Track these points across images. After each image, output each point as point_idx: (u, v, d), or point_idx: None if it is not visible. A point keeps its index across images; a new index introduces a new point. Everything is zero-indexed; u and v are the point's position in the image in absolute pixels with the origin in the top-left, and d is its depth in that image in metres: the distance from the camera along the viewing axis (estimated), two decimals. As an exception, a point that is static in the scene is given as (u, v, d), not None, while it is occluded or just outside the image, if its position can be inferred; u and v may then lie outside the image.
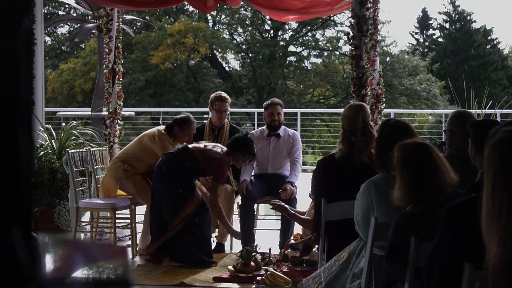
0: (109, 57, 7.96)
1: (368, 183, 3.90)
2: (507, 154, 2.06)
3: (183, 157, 6.07)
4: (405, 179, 3.29)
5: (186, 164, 6.05)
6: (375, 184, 3.86)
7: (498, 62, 32.04)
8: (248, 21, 27.64)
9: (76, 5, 15.75)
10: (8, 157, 0.95)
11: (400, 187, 3.31)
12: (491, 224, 2.01)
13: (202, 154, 6.10)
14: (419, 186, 3.27)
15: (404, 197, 3.30)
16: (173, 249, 6.02)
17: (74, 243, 2.04)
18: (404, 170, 3.30)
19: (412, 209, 3.31)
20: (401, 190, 3.30)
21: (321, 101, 28.04)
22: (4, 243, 0.94)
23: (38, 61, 7.76)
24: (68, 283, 1.10)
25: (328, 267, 4.18)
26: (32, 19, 0.99)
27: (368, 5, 6.88)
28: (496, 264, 1.98)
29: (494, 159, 2.06)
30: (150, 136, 6.52)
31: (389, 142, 3.94)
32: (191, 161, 6.06)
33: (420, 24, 35.95)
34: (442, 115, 14.04)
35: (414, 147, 3.37)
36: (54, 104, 24.54)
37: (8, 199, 0.95)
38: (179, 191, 6.02)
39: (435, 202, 3.22)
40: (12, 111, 0.95)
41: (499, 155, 2.06)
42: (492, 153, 2.08)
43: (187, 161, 6.06)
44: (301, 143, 6.99)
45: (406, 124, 4.11)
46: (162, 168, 6.08)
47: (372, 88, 6.95)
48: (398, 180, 3.33)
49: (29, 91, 0.97)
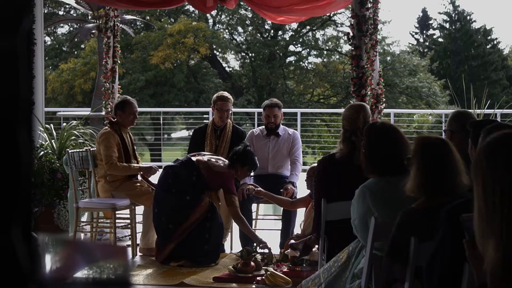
0: (108, 57, 7.97)
1: (362, 188, 3.89)
2: (492, 156, 2.07)
3: (188, 171, 6.06)
4: (421, 169, 3.25)
5: (192, 179, 6.04)
6: (369, 189, 3.85)
7: (498, 62, 32.03)
8: (248, 21, 27.63)
9: (76, 5, 15.74)
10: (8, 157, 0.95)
11: (414, 177, 3.26)
12: (486, 227, 2.01)
13: (207, 169, 6.07)
14: (434, 179, 3.24)
15: (416, 188, 3.26)
16: (186, 252, 6.00)
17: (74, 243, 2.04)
18: (421, 161, 3.25)
19: (418, 205, 3.28)
20: (414, 181, 3.25)
21: (321, 101, 28.04)
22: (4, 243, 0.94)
23: (38, 61, 7.75)
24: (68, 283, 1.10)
25: (328, 268, 4.17)
26: (32, 19, 0.99)
27: (368, 5, 6.88)
28: (494, 267, 1.98)
29: (481, 163, 2.07)
30: (97, 141, 6.66)
31: (379, 145, 3.94)
32: (196, 176, 6.04)
33: (420, 24, 35.96)
34: (442, 115, 14.04)
35: (436, 141, 3.35)
36: (54, 104, 24.54)
37: (8, 199, 0.95)
38: (186, 198, 6.01)
39: (444, 199, 3.19)
40: (12, 111, 0.95)
41: (486, 158, 2.07)
42: (478, 158, 2.09)
43: (192, 176, 6.04)
44: (301, 143, 6.97)
45: (392, 126, 4.12)
46: (167, 181, 6.07)
47: (372, 88, 6.94)
48: (413, 170, 3.29)
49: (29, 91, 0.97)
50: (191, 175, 6.05)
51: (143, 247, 6.53)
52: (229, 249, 6.69)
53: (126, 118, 6.61)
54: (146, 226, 6.55)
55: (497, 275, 1.97)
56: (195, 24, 25.67)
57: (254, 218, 6.79)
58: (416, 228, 3.18)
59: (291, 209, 6.43)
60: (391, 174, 3.85)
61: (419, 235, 3.14)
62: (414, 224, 3.22)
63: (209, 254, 6.05)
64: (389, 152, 3.89)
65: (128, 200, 6.54)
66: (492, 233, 1.99)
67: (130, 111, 6.61)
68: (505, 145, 2.09)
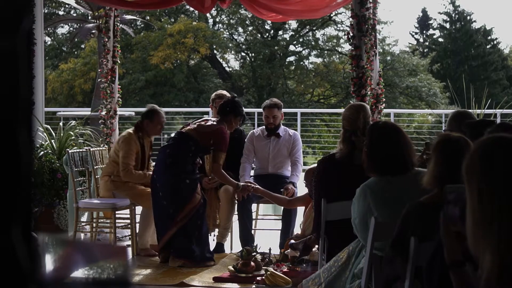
0: (108, 57, 7.97)
1: (363, 187, 3.89)
2: (487, 160, 2.06)
3: (184, 143, 6.11)
4: (439, 162, 3.18)
5: (191, 149, 6.10)
6: (370, 188, 3.85)
7: (498, 62, 32.03)
8: (248, 21, 27.63)
9: (76, 5, 15.75)
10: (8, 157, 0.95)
11: (431, 170, 3.21)
12: (482, 232, 2.01)
13: (198, 132, 6.14)
14: (450, 171, 3.19)
15: (433, 179, 3.22)
16: (177, 244, 6.03)
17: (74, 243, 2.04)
18: (441, 154, 3.21)
19: (426, 200, 3.25)
20: (432, 172, 3.19)
21: (321, 101, 28.03)
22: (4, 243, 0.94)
23: (38, 61, 7.75)
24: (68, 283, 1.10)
25: (328, 268, 4.18)
26: (32, 19, 0.99)
27: (368, 5, 6.89)
28: (491, 272, 1.97)
29: (475, 167, 2.06)
30: (117, 142, 6.62)
31: (381, 145, 3.93)
32: (193, 143, 6.10)
33: (420, 24, 35.95)
34: (442, 115, 14.03)
35: (458, 138, 3.31)
36: (54, 104, 24.53)
37: (8, 199, 0.95)
38: (186, 181, 6.04)
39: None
40: (12, 111, 0.95)
41: (480, 163, 2.06)
42: (471, 162, 2.08)
43: (190, 145, 6.10)
44: (301, 144, 6.96)
45: (395, 126, 4.11)
46: (165, 161, 6.08)
47: (372, 88, 6.94)
48: (431, 164, 3.24)
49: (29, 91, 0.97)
50: (189, 146, 6.09)
51: (140, 247, 6.53)
52: (229, 249, 6.69)
53: (153, 128, 6.56)
54: (143, 227, 6.54)
55: (493, 282, 1.97)
56: (195, 24, 25.67)
57: (254, 218, 6.79)
58: (422, 222, 3.16)
59: (289, 207, 6.44)
60: (392, 174, 3.84)
61: (424, 230, 3.12)
62: (420, 218, 3.20)
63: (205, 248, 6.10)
64: (391, 152, 3.89)
65: (128, 200, 6.54)
66: (488, 241, 1.98)
67: (158, 121, 6.57)
68: (502, 149, 2.08)
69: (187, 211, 6.01)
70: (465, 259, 2.36)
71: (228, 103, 6.33)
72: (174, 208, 6.00)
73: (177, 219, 6.00)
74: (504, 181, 2.02)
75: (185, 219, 6.01)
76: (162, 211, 6.06)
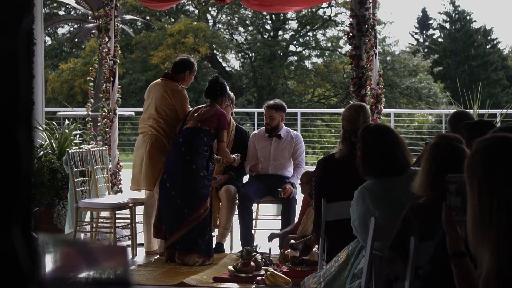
0: (108, 57, 7.97)
1: (361, 189, 3.88)
2: (489, 160, 2.06)
3: (196, 136, 6.15)
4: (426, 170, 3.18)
5: (203, 141, 6.15)
6: (368, 190, 3.85)
7: (498, 62, 32.00)
8: (249, 21, 27.63)
9: (76, 5, 15.74)
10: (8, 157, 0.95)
11: (421, 176, 3.19)
12: (481, 232, 2.00)
13: (202, 121, 6.19)
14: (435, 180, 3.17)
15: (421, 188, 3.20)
16: (185, 239, 6.05)
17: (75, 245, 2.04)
18: (427, 162, 3.19)
19: (425, 201, 3.25)
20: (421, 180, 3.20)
21: (322, 101, 28.03)
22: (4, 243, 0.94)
23: (38, 61, 7.76)
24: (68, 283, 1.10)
25: (328, 268, 4.18)
26: (32, 19, 0.99)
27: (368, 5, 6.89)
28: (490, 272, 1.97)
29: (477, 167, 2.06)
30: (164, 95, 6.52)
31: (375, 147, 3.92)
32: (204, 133, 6.16)
33: (420, 24, 35.93)
34: (442, 115, 14.03)
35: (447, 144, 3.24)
36: (54, 104, 24.52)
37: (8, 199, 0.95)
38: (205, 181, 6.08)
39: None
40: (12, 111, 0.95)
41: (482, 163, 2.05)
42: (473, 162, 2.08)
43: (202, 138, 6.15)
44: (304, 146, 6.94)
45: (387, 127, 4.12)
46: (181, 149, 6.10)
47: (372, 88, 6.94)
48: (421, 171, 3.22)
49: (29, 91, 0.97)
50: (201, 138, 6.14)
51: (147, 250, 6.56)
52: (229, 249, 6.69)
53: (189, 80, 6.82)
54: (147, 229, 6.55)
55: (492, 282, 1.97)
56: (195, 24, 25.67)
57: (254, 218, 6.79)
58: (421, 223, 3.16)
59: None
60: (389, 175, 3.85)
61: (424, 231, 3.12)
62: (419, 219, 3.20)
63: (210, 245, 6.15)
64: (386, 154, 3.89)
65: (128, 199, 6.54)
66: (488, 240, 1.98)
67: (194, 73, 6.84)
68: (503, 149, 2.07)
69: (200, 212, 6.03)
70: (467, 250, 2.36)
71: (216, 85, 6.44)
72: (188, 208, 6.01)
73: (189, 219, 6.02)
74: (504, 181, 2.02)
75: (196, 220, 6.03)
76: (173, 210, 6.06)
